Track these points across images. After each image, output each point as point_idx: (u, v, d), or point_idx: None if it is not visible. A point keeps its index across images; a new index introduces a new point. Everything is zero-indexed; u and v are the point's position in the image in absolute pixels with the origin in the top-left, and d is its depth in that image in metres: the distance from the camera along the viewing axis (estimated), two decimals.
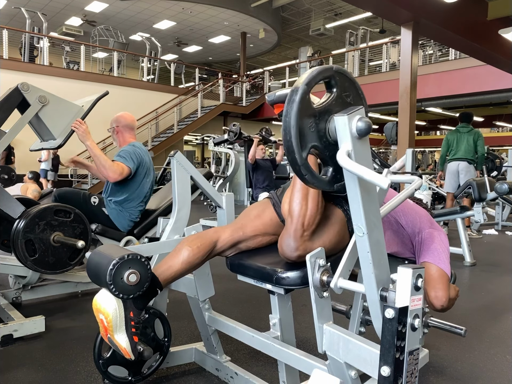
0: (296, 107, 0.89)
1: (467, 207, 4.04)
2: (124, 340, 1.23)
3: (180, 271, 1.35)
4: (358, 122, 0.91)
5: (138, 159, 2.50)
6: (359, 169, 0.87)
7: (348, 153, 0.90)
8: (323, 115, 0.96)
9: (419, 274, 0.95)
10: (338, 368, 1.13)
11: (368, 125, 0.91)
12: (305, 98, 0.90)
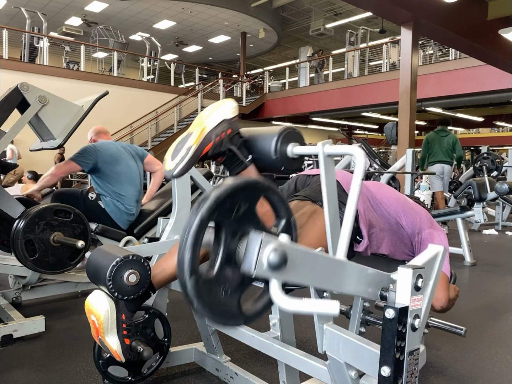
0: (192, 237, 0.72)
1: (467, 207, 4.04)
2: (115, 343, 1.23)
3: (173, 275, 1.33)
4: (270, 255, 0.71)
5: (89, 154, 2.60)
6: (302, 306, 0.75)
7: (281, 287, 0.75)
8: (235, 232, 0.78)
9: (419, 274, 0.95)
10: (338, 368, 1.12)
11: (281, 258, 0.72)
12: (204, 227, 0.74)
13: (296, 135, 1.15)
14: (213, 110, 1.16)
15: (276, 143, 1.12)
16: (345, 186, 1.42)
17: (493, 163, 5.77)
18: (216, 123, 1.13)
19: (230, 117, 1.15)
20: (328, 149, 1.00)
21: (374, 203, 1.46)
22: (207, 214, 0.73)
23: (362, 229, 1.35)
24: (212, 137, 1.10)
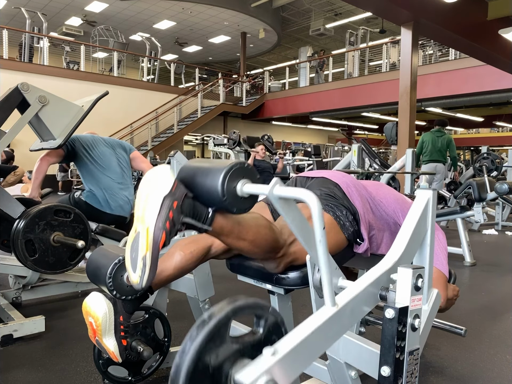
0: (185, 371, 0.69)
1: (467, 207, 4.04)
2: (112, 344, 1.23)
3: (172, 276, 1.33)
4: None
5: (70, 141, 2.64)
6: None
7: None
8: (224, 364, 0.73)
9: (419, 274, 0.95)
10: (338, 368, 1.13)
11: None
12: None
13: (247, 171, 0.99)
14: (148, 194, 1.00)
15: (223, 182, 0.95)
16: (345, 188, 1.42)
17: (493, 163, 5.78)
18: (158, 208, 0.97)
19: (168, 189, 0.99)
20: (278, 191, 0.86)
21: (373, 204, 1.46)
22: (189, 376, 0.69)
23: (362, 232, 1.35)
24: (160, 227, 0.96)
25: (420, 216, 1.11)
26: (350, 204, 1.37)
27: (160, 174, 1.02)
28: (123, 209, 2.72)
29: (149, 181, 1.03)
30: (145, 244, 0.96)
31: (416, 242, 1.12)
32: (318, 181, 1.49)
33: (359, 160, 4.93)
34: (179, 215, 0.98)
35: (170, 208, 0.97)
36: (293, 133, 18.98)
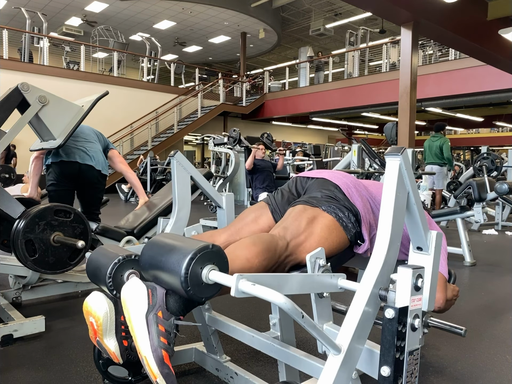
0: None
1: (467, 207, 4.04)
2: (113, 344, 1.23)
3: None
4: None
5: None
6: None
7: None
8: None
9: (419, 274, 0.95)
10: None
11: None
12: None
13: (214, 255, 0.94)
14: (130, 320, 0.99)
15: (188, 267, 0.89)
16: (345, 190, 1.42)
17: (493, 163, 5.78)
18: (146, 332, 0.95)
19: (146, 305, 0.97)
20: (244, 288, 0.83)
21: (373, 204, 1.46)
22: None
23: (363, 232, 1.35)
24: (157, 348, 0.95)
25: (396, 184, 0.98)
26: (352, 205, 1.37)
27: (132, 292, 1.00)
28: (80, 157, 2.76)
29: (125, 302, 1.01)
30: (151, 373, 0.95)
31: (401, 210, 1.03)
32: (318, 182, 1.49)
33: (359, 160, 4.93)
34: (169, 321, 0.97)
35: (157, 322, 0.95)
36: (293, 133, 18.98)
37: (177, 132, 13.27)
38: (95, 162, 2.79)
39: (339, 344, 0.90)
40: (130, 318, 0.99)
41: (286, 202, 1.49)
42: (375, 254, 1.00)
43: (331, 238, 1.29)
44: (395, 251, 1.01)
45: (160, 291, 0.98)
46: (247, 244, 1.16)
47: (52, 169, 2.75)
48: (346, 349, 0.90)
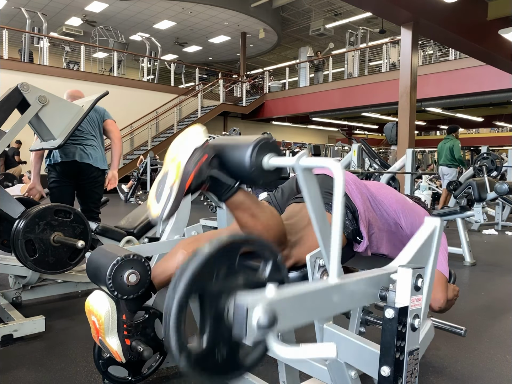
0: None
1: (467, 207, 4.04)
2: (115, 343, 1.22)
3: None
4: (259, 321, 0.67)
5: None
6: (301, 354, 0.73)
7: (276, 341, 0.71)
8: (219, 296, 0.75)
9: (419, 274, 0.95)
10: (338, 368, 1.13)
11: (270, 319, 0.68)
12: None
13: (272, 146, 1.06)
14: (181, 142, 1.10)
15: (251, 155, 1.02)
16: (345, 187, 1.41)
17: (493, 163, 5.78)
18: (189, 154, 1.07)
19: (201, 143, 1.08)
20: (304, 162, 0.91)
21: (374, 203, 1.46)
22: (184, 295, 0.71)
23: (362, 230, 1.35)
24: (190, 168, 1.04)
25: (425, 240, 1.09)
26: (350, 202, 1.37)
27: (195, 130, 1.11)
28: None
29: (185, 135, 1.11)
30: (175, 175, 1.04)
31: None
32: (318, 178, 1.49)
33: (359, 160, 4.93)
34: (207, 167, 1.06)
35: (200, 159, 1.05)
36: (293, 133, 18.98)
37: (177, 132, 13.26)
38: (92, 160, 2.89)
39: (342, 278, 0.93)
40: (181, 143, 1.11)
41: (286, 200, 1.49)
42: None
43: None
44: None
45: (212, 150, 1.09)
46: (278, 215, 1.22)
47: (53, 169, 2.88)
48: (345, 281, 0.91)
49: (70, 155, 2.81)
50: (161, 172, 1.11)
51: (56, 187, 2.89)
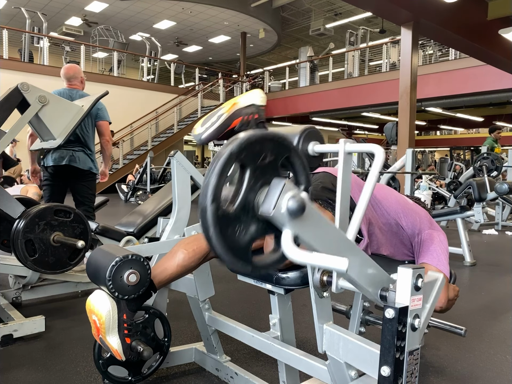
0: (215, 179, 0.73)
1: (467, 207, 4.04)
2: (116, 342, 1.23)
3: (175, 274, 1.34)
4: (289, 201, 0.75)
5: None
6: (311, 258, 0.75)
7: (293, 239, 0.77)
8: (257, 178, 0.79)
9: (419, 274, 0.95)
10: (338, 368, 1.13)
11: (300, 205, 0.74)
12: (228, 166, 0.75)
13: (316, 134, 1.18)
14: (244, 94, 1.22)
15: (298, 142, 1.13)
16: None
17: (493, 163, 5.78)
18: (247, 104, 1.18)
19: (259, 103, 1.19)
20: (349, 147, 1.04)
21: (374, 202, 1.46)
22: (237, 150, 0.75)
23: (362, 228, 1.35)
24: (241, 113, 1.15)
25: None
26: (351, 200, 1.37)
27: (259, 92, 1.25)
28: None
29: (249, 91, 1.25)
30: (228, 108, 1.15)
31: None
32: (319, 175, 1.49)
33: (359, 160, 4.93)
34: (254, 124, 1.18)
35: (253, 113, 1.18)
36: None
37: (177, 132, 13.26)
38: (81, 164, 2.99)
39: None
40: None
41: None
42: None
43: None
44: None
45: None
46: None
47: (45, 169, 3.01)
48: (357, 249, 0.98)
49: (61, 160, 2.92)
50: (216, 109, 1.22)
51: (48, 184, 3.01)
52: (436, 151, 21.55)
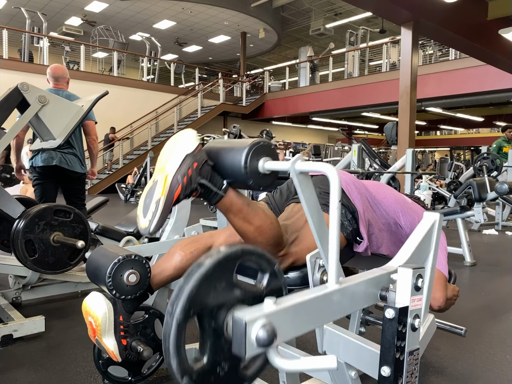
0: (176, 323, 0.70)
1: (467, 207, 4.04)
2: (112, 344, 1.23)
3: (172, 276, 1.33)
4: (260, 330, 0.68)
5: None
6: (300, 364, 0.71)
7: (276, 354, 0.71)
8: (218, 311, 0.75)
9: (419, 274, 0.95)
10: (338, 368, 1.12)
11: (270, 334, 0.68)
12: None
13: (268, 149, 1.05)
14: (171, 150, 1.08)
15: (246, 158, 1.01)
16: (344, 187, 1.41)
17: (493, 163, 5.78)
18: (179, 163, 1.04)
19: (192, 149, 1.06)
20: (300, 166, 0.91)
21: (373, 203, 1.46)
22: (182, 317, 0.70)
23: (361, 230, 1.35)
24: (178, 179, 1.02)
25: (424, 236, 1.11)
26: (349, 202, 1.37)
27: (187, 136, 1.09)
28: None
29: (175, 140, 1.10)
30: (161, 189, 1.03)
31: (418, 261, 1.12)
32: (317, 179, 1.49)
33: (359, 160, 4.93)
34: (197, 175, 1.04)
35: (190, 167, 1.03)
36: (293, 133, 18.98)
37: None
38: (71, 166, 3.01)
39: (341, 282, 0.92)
40: (172, 149, 1.09)
41: (285, 201, 1.49)
42: None
43: None
44: None
45: (203, 155, 1.07)
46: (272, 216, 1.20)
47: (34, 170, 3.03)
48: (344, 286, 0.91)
49: (51, 160, 2.94)
50: (150, 180, 1.08)
51: (39, 183, 3.03)
52: (436, 151, 21.56)
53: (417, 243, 1.10)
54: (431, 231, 1.13)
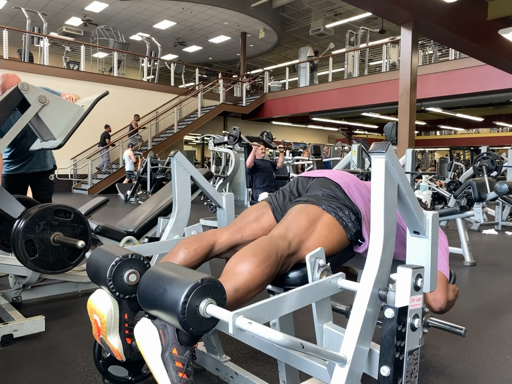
0: None
1: (467, 207, 4.04)
2: (116, 342, 1.23)
3: None
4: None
5: None
6: None
7: None
8: None
9: (419, 274, 0.95)
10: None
11: None
12: None
13: (213, 289, 0.93)
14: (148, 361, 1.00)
15: (186, 297, 0.89)
16: (346, 188, 1.42)
17: (493, 163, 5.78)
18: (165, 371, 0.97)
19: (159, 346, 0.99)
20: (240, 324, 0.82)
21: None
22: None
23: (364, 232, 1.35)
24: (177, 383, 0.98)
25: (384, 181, 0.99)
26: (352, 204, 1.37)
27: (144, 334, 1.01)
28: None
29: (140, 344, 1.01)
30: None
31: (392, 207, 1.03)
32: (319, 181, 1.49)
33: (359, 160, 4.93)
34: (185, 355, 0.98)
35: (173, 359, 0.96)
36: (293, 133, 18.98)
37: (177, 132, 13.27)
38: (37, 167, 3.04)
39: (344, 355, 0.90)
40: (146, 360, 1.01)
41: (287, 202, 1.49)
42: (371, 254, 1.00)
43: (331, 237, 1.29)
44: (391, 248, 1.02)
45: (170, 329, 0.99)
46: (247, 256, 1.14)
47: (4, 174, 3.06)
48: (351, 359, 0.90)
49: (20, 169, 2.98)
50: None
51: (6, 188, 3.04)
52: (436, 151, 21.55)
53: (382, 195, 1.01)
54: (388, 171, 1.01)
